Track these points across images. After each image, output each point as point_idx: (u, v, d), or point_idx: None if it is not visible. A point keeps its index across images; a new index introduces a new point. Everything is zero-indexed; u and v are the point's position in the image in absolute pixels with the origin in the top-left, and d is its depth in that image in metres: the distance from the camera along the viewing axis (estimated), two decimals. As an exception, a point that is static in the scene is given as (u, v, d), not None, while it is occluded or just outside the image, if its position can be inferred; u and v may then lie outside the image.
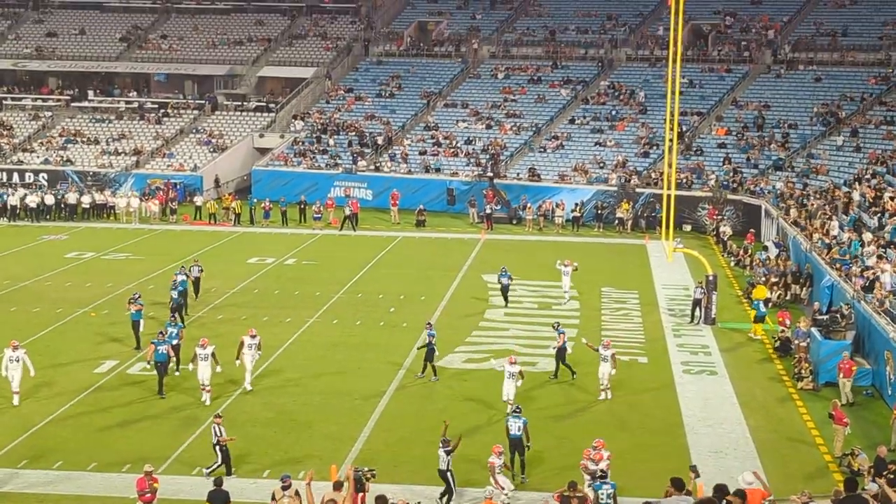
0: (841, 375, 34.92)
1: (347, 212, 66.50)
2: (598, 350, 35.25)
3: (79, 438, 31.01)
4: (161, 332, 36.14)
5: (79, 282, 51.00)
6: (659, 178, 66.83)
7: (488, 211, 66.14)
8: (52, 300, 47.36)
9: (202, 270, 48.00)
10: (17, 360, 33.33)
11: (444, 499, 26.38)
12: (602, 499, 23.70)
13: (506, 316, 45.63)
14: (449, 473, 26.25)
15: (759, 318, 43.61)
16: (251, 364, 35.02)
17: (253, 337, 35.07)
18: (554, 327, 38.92)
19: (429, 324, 38.36)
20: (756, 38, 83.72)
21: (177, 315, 42.20)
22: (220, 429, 28.24)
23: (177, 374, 36.53)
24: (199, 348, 34.28)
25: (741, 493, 18.62)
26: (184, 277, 44.66)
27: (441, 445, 26.17)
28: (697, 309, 45.22)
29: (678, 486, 20.11)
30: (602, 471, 25.04)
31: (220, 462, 28.19)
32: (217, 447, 28.19)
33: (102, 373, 36.80)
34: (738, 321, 45.04)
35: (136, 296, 40.75)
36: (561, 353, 37.33)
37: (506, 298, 47.20)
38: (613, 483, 24.41)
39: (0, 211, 69.20)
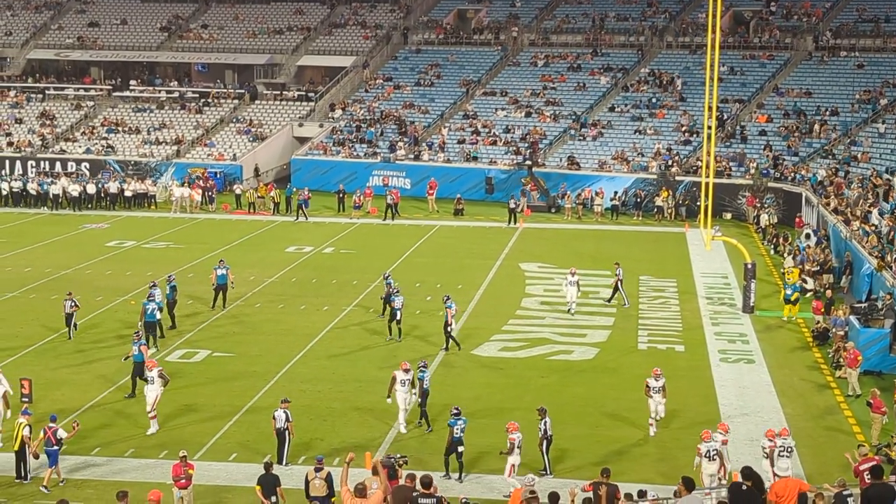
0: (846, 366, 34.68)
1: (389, 200, 66.58)
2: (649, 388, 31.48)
3: (117, 424, 31.28)
4: (137, 333, 35.57)
5: (119, 270, 51.38)
6: (699, 166, 66.49)
7: (512, 206, 65.12)
8: (92, 288, 47.71)
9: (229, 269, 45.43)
10: None
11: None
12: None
13: (542, 305, 45.57)
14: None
15: (789, 301, 43.42)
16: (405, 404, 30.84)
17: (406, 371, 31.24)
18: (443, 300, 39.20)
19: (422, 366, 32.58)
20: (798, 24, 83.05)
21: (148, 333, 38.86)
22: (287, 413, 28.32)
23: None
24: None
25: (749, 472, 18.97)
26: (154, 305, 39.46)
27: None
28: (618, 290, 45.49)
29: (689, 485, 20.04)
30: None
31: (286, 446, 28.31)
32: (286, 432, 28.26)
33: (151, 359, 36.98)
34: (776, 310, 44.76)
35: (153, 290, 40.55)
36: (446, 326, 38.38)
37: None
38: None
39: (42, 200, 69.73)
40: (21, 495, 26.58)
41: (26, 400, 30.95)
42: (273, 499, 24.14)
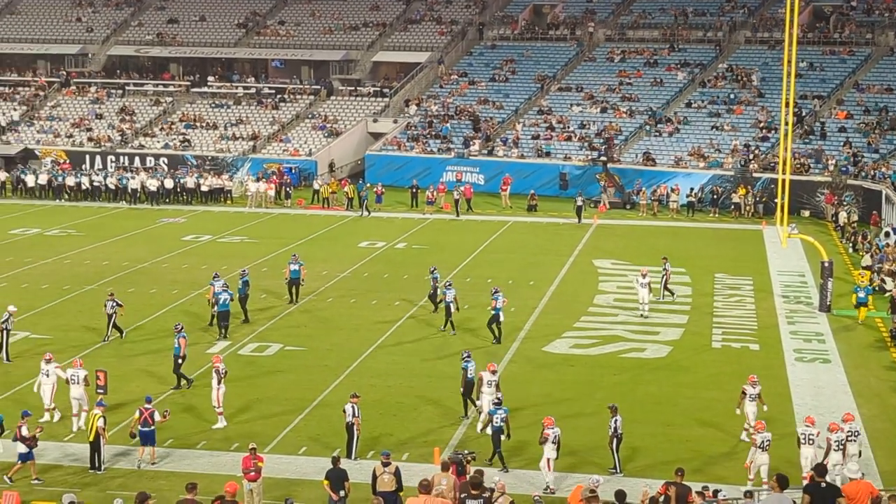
0: None
1: (456, 196, 66.51)
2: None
3: (189, 417, 31.56)
4: (178, 325, 35.18)
5: (195, 264, 51.86)
6: (777, 163, 65.71)
7: (579, 203, 64.36)
8: (168, 282, 48.25)
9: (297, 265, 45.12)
10: (48, 375, 31.40)
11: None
12: None
13: (615, 302, 45.29)
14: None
15: (861, 304, 42.67)
16: (490, 406, 29.57)
17: (493, 373, 30.89)
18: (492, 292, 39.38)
19: (466, 356, 32.19)
20: (879, 19, 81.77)
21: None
22: (355, 408, 28.40)
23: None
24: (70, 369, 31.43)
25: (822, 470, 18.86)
26: (227, 295, 39.83)
27: None
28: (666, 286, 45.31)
29: (783, 483, 19.60)
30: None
31: (355, 440, 28.39)
32: (353, 427, 28.34)
33: (215, 353, 37.29)
34: (853, 309, 44.06)
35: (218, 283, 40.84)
36: (494, 318, 38.51)
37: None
38: None
39: (121, 194, 70.62)
40: (94, 485, 26.89)
41: (101, 392, 31.30)
42: (341, 493, 24.19)
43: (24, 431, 26.96)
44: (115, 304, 38.94)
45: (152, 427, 28.06)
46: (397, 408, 32.58)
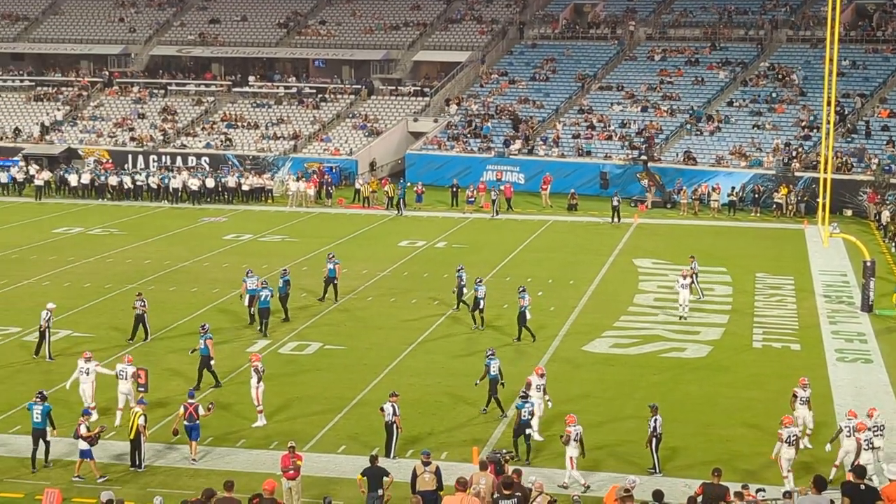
0: None
1: (494, 196, 66.40)
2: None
3: (229, 415, 31.69)
4: (204, 326, 35.02)
5: (236, 263, 51.99)
6: (818, 162, 65.26)
7: (615, 203, 63.69)
8: (209, 280, 48.51)
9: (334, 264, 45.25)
10: (88, 373, 31.56)
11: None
12: None
13: (655, 301, 45.13)
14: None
15: None
16: (539, 410, 29.84)
17: (541, 376, 30.69)
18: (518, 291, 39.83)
19: (490, 353, 32.59)
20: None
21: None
22: (395, 407, 28.47)
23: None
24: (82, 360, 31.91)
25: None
26: (268, 292, 40.36)
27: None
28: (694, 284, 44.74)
29: (820, 485, 19.49)
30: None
31: (394, 439, 28.47)
32: (393, 426, 28.39)
33: (255, 351, 37.44)
34: (893, 309, 43.72)
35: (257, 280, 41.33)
36: (521, 317, 38.74)
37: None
38: None
39: (162, 193, 71.04)
40: (133, 482, 27.06)
41: (142, 390, 31.52)
42: (379, 491, 24.24)
43: (83, 430, 27.18)
44: (143, 303, 38.83)
45: (197, 422, 28.38)
46: (436, 406, 32.60)
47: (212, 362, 34.02)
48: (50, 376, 34.96)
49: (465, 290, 42.79)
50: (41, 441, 28.00)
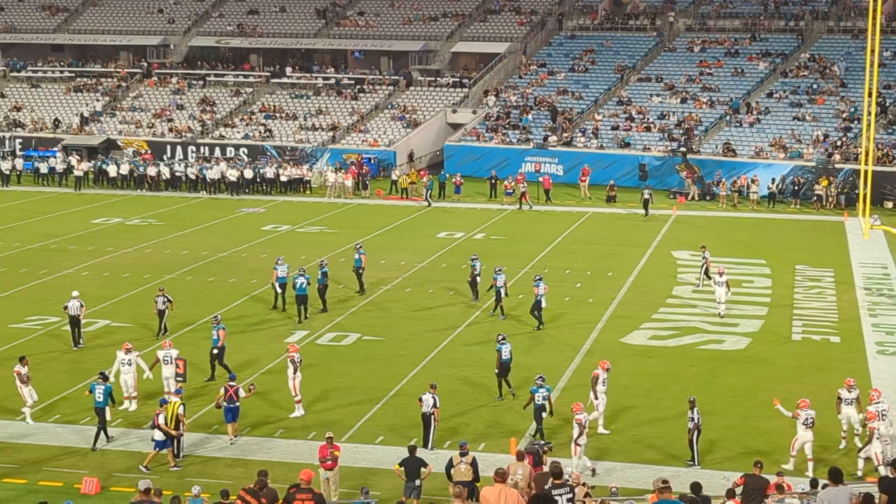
0: None
1: (523, 188, 66.08)
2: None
3: (267, 406, 31.76)
4: (216, 317, 35.18)
5: (274, 254, 51.70)
6: (859, 153, 64.71)
7: (647, 196, 63.07)
8: (247, 271, 48.64)
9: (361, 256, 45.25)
10: (130, 364, 31.79)
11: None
12: None
13: (694, 293, 44.88)
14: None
15: None
16: (604, 405, 29.97)
17: (607, 370, 30.25)
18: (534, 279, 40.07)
19: (501, 338, 33.10)
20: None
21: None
22: (435, 399, 28.49)
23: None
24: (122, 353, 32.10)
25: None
26: (304, 280, 40.60)
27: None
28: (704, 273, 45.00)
29: (836, 477, 19.35)
30: None
31: (431, 430, 28.54)
32: (431, 417, 28.43)
33: (293, 342, 37.50)
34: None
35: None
36: (536, 305, 39.06)
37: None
38: None
39: (201, 184, 71.29)
40: (171, 471, 27.18)
41: (181, 380, 31.67)
42: (416, 482, 24.25)
43: (161, 420, 27.38)
44: (166, 299, 38.66)
45: (237, 403, 28.89)
46: (475, 397, 32.57)
47: (215, 352, 33.99)
48: (83, 366, 35.10)
49: (479, 279, 42.94)
50: (102, 421, 28.82)
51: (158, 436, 27.41)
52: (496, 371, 32.49)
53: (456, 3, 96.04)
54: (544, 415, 28.70)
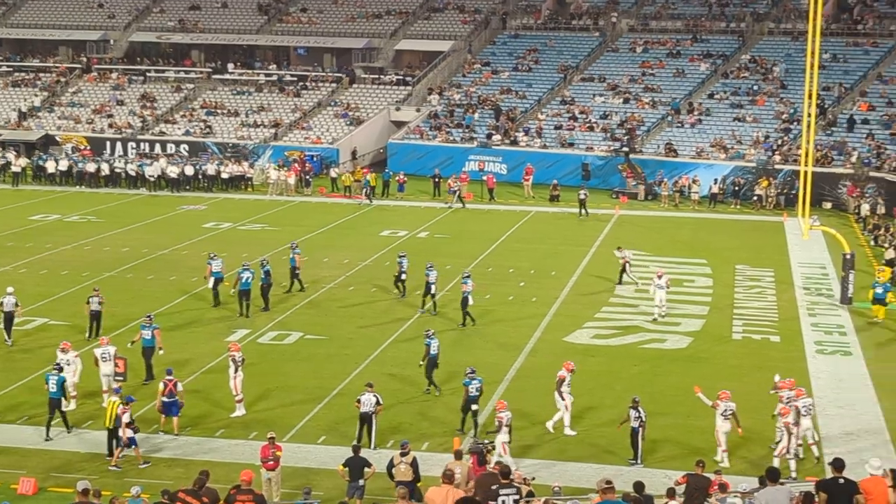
0: None
1: (455, 187, 65.90)
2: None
3: (207, 405, 31.51)
4: (149, 316, 34.48)
5: (215, 251, 51.50)
6: (799, 155, 65.32)
7: (582, 196, 62.50)
8: (188, 269, 48.17)
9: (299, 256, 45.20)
10: (69, 364, 31.11)
11: None
12: None
13: (636, 293, 45.05)
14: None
15: (878, 300, 41.94)
16: (570, 406, 29.96)
17: (571, 371, 30.26)
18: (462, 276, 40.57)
19: (429, 334, 33.35)
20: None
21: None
22: (378, 397, 28.53)
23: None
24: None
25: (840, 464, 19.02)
26: (248, 274, 40.67)
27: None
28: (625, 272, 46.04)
29: (773, 476, 19.50)
30: None
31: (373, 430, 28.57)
32: (373, 416, 28.40)
33: (234, 341, 37.20)
34: (870, 303, 43.66)
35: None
36: (464, 302, 39.41)
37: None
38: None
39: (141, 181, 70.58)
40: (111, 472, 26.88)
41: (120, 378, 31.34)
42: (360, 481, 24.14)
43: (127, 418, 27.24)
44: (100, 300, 37.94)
45: (176, 398, 29.04)
46: (417, 396, 32.48)
47: (160, 352, 33.63)
48: (17, 364, 34.79)
49: (405, 276, 43.24)
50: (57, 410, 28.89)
51: (129, 433, 27.30)
52: (420, 363, 32.86)
53: (400, 1, 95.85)
54: (475, 407, 29.10)
